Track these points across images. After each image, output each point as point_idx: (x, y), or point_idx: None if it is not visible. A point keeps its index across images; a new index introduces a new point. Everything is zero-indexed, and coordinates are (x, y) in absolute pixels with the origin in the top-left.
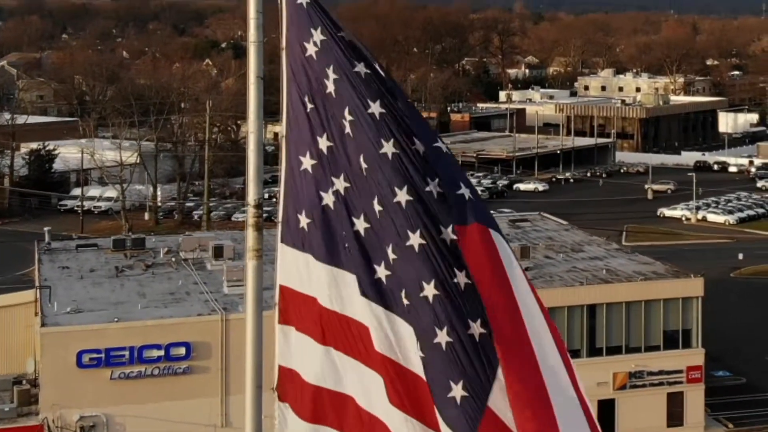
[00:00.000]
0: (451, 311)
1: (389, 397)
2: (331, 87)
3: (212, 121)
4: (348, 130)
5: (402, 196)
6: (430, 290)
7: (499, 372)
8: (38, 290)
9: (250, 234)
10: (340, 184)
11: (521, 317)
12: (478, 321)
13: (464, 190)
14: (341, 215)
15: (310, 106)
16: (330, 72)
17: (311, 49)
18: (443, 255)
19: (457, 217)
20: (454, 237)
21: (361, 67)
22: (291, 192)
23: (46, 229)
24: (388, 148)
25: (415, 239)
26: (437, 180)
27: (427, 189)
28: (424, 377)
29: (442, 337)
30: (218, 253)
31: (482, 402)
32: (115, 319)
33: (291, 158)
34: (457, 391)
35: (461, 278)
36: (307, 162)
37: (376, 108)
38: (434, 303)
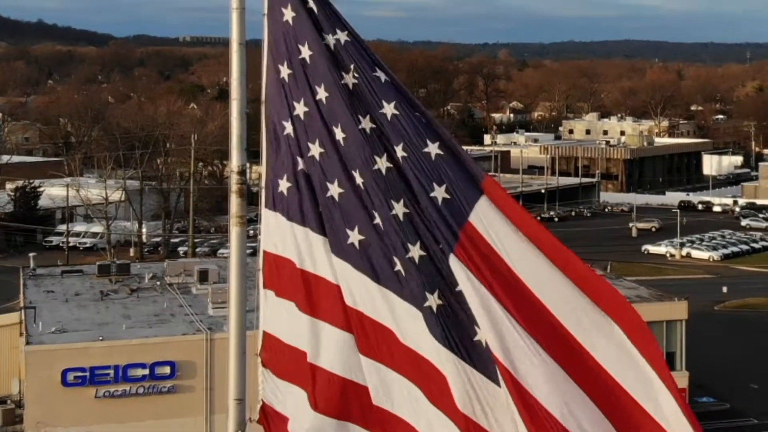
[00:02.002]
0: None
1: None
2: (306, 53)
3: (197, 155)
4: (323, 97)
5: (401, 153)
6: (416, 252)
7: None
8: (23, 311)
9: (234, 200)
10: (315, 149)
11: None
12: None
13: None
14: (318, 180)
15: (287, 71)
16: (307, 39)
17: (289, 15)
18: (428, 221)
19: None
20: (478, 193)
21: (342, 36)
22: (271, 157)
23: (31, 254)
24: (391, 111)
25: (399, 208)
26: (438, 143)
27: (425, 150)
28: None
29: (432, 301)
30: (203, 277)
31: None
32: (100, 338)
33: (270, 123)
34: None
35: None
36: (289, 127)
37: (349, 79)
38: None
